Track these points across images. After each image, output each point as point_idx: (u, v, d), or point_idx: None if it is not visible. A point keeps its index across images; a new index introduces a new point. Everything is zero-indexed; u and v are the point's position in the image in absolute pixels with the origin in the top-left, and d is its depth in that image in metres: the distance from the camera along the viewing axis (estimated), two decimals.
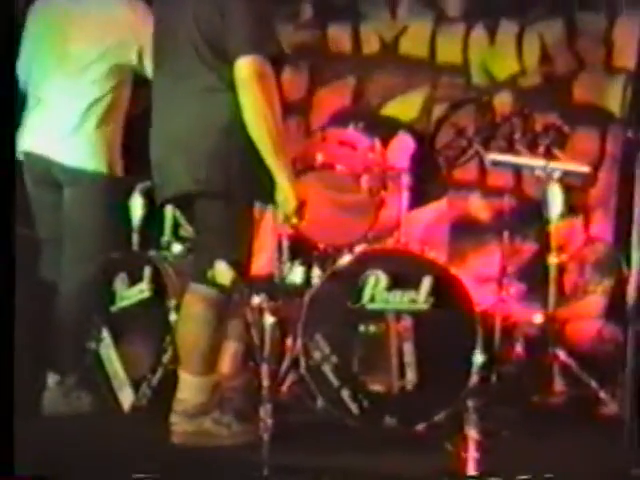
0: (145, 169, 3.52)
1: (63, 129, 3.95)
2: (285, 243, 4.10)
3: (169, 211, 4.26)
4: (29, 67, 4.08)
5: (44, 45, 4.05)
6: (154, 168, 3.49)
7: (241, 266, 3.38)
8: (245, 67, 3.24)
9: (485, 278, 4.76)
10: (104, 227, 3.99)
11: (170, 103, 3.41)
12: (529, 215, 4.53)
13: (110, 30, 3.94)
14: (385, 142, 4.20)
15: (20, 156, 4.02)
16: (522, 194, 4.93)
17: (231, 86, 3.28)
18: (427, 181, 4.22)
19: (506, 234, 4.36)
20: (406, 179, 4.09)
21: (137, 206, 4.30)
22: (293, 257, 4.14)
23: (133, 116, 4.08)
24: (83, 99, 3.94)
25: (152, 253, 4.20)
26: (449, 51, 5.30)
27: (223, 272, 3.33)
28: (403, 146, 4.33)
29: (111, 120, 3.99)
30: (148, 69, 3.83)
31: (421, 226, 4.64)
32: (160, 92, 3.48)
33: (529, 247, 4.78)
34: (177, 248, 4.27)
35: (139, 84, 4.02)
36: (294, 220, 3.40)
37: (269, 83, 3.25)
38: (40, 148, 3.97)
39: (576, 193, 4.58)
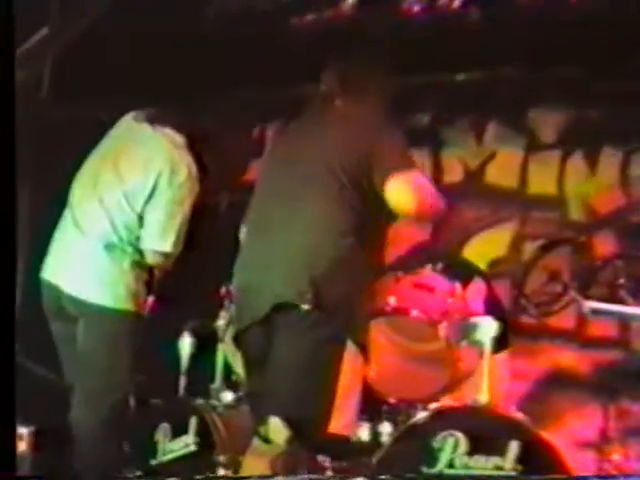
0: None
1: (78, 261, 3.76)
2: None
3: (221, 353, 4.15)
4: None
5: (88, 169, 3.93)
6: (240, 293, 3.48)
7: (304, 425, 3.25)
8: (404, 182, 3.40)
9: (585, 443, 4.54)
10: (114, 366, 3.71)
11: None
12: (638, 371, 4.31)
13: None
14: (466, 286, 4.08)
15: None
16: (629, 346, 4.71)
17: None
18: (514, 329, 4.05)
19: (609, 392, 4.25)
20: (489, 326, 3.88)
21: (185, 347, 4.22)
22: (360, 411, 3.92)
23: None
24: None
25: (199, 401, 4.10)
26: (542, 181, 5.14)
27: (277, 429, 3.23)
28: (478, 291, 4.21)
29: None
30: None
31: (507, 381, 4.40)
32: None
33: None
34: (228, 397, 4.13)
35: None
36: None
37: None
38: (54, 277, 3.80)
39: None
